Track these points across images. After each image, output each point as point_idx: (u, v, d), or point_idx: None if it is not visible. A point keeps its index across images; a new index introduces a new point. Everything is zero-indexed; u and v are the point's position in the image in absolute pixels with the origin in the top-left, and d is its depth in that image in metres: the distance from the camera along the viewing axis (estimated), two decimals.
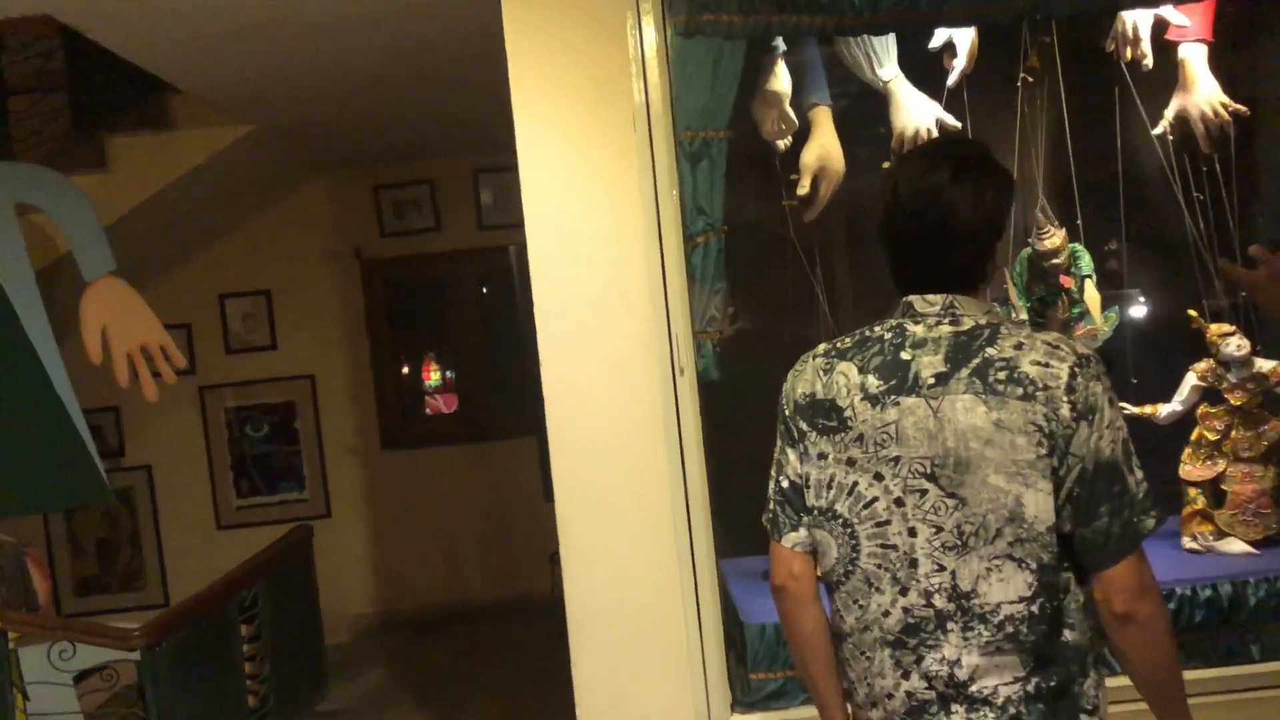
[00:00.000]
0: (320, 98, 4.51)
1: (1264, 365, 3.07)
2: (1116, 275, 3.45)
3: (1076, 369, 1.46)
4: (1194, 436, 3.20)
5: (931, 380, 1.52)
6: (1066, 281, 3.35)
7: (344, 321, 6.37)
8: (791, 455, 1.66)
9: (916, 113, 3.06)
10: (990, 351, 1.50)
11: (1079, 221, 3.31)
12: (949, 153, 1.63)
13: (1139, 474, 1.48)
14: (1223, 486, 3.15)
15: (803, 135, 3.09)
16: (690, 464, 2.67)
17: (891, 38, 3.05)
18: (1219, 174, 3.14)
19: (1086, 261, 3.35)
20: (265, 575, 4.60)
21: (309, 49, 3.79)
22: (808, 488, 1.63)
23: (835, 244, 3.44)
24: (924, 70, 3.13)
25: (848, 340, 1.66)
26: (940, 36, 3.02)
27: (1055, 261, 3.31)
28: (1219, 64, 3.13)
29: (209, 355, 6.23)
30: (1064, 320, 3.42)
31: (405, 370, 6.56)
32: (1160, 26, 3.07)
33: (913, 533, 1.53)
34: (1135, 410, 3.24)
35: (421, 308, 6.53)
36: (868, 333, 1.64)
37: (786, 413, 1.68)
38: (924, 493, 1.52)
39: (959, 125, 3.07)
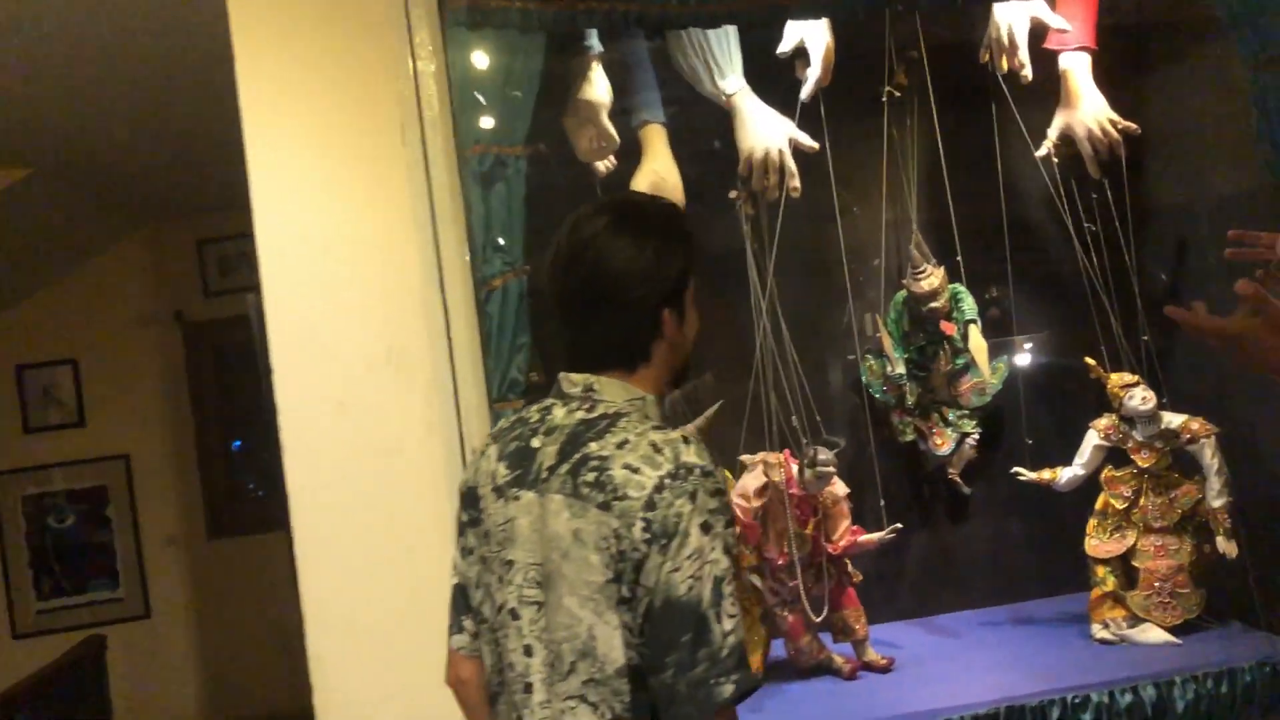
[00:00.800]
0: (94, 137, 3.87)
1: (1173, 420, 2.64)
2: (1003, 321, 3.00)
3: (667, 480, 1.21)
4: (1099, 505, 2.76)
5: (545, 475, 1.32)
6: (948, 328, 2.90)
7: (163, 393, 5.63)
8: (457, 550, 1.45)
9: (765, 131, 2.59)
10: (592, 447, 1.27)
11: (958, 259, 2.87)
12: (617, 202, 1.42)
13: (728, 625, 1.19)
14: (1134, 563, 2.69)
15: (633, 157, 2.59)
16: None
17: (734, 44, 2.58)
18: (1110, 202, 2.74)
19: (969, 305, 2.91)
20: (38, 702, 3.84)
21: (61, 87, 3.18)
22: (472, 587, 1.42)
23: None
24: (774, 83, 2.67)
25: (509, 419, 1.46)
26: (790, 40, 2.57)
27: (934, 305, 2.87)
28: (1108, 82, 2.75)
29: (2, 435, 5.42)
30: (948, 373, 2.97)
31: (235, 446, 5.83)
32: (1039, 34, 2.68)
33: (529, 651, 1.31)
34: (1032, 476, 2.79)
35: (253, 375, 5.81)
36: (524, 413, 1.43)
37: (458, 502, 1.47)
38: (539, 605, 1.30)
39: (815, 146, 2.61)
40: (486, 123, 2.13)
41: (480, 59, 2.12)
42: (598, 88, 2.36)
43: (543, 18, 2.12)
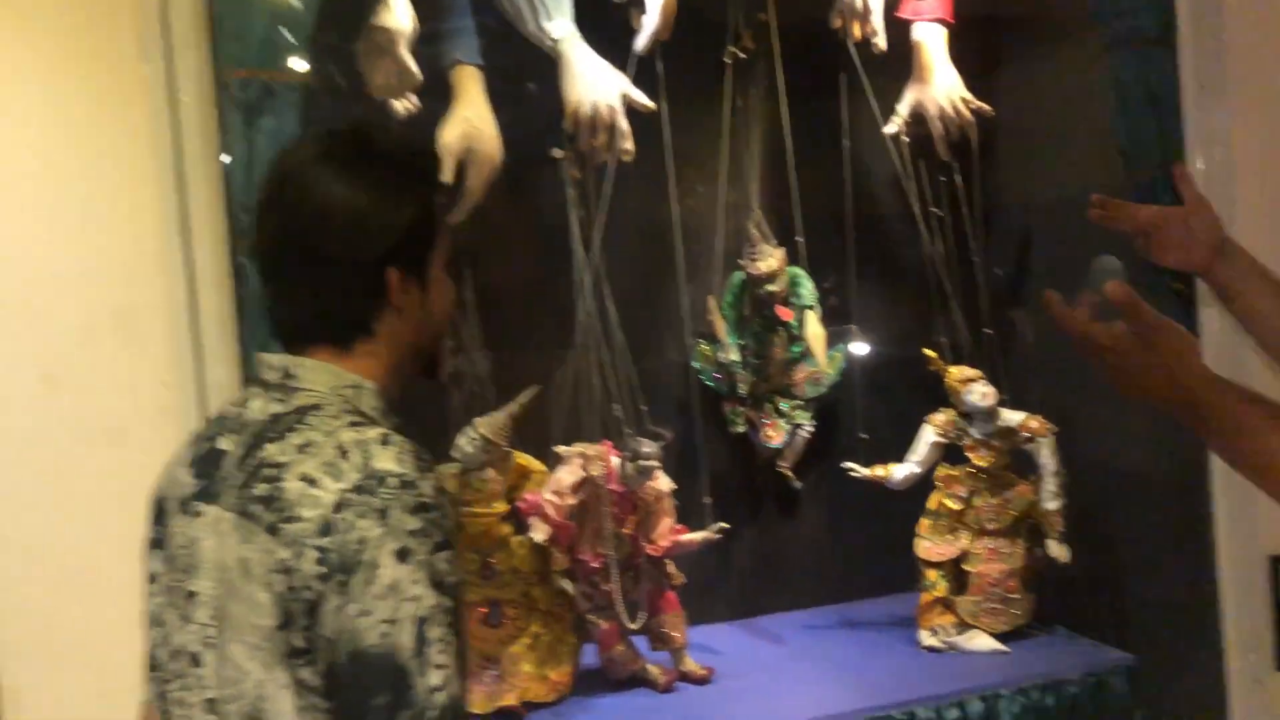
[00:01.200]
0: None
1: (1011, 418, 2.53)
2: (842, 308, 2.82)
3: (350, 495, 0.93)
4: (932, 505, 2.62)
5: (223, 486, 1.03)
6: (785, 313, 2.70)
7: None
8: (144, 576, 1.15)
9: (594, 83, 2.30)
10: (269, 450, 0.99)
11: (799, 239, 2.66)
12: (338, 129, 1.10)
13: (435, 679, 0.90)
14: (965, 567, 2.57)
15: (443, 99, 2.26)
16: None
17: None
18: (959, 187, 2.58)
19: (809, 289, 2.72)
20: None
21: None
22: (152, 624, 1.11)
23: (491, 252, 2.60)
24: (611, 33, 2.38)
25: (218, 413, 1.15)
26: None
27: (771, 288, 2.66)
28: (965, 61, 2.59)
29: None
30: (784, 360, 2.78)
31: None
32: (894, 2, 2.49)
33: (211, 707, 1.00)
34: (865, 472, 2.63)
35: None
36: (228, 405, 1.13)
37: None
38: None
39: (651, 105, 2.34)
40: (253, 43, 1.76)
41: None
42: (397, 13, 2.01)
43: None
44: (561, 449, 2.41)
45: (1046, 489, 2.49)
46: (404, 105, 2.18)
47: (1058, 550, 2.47)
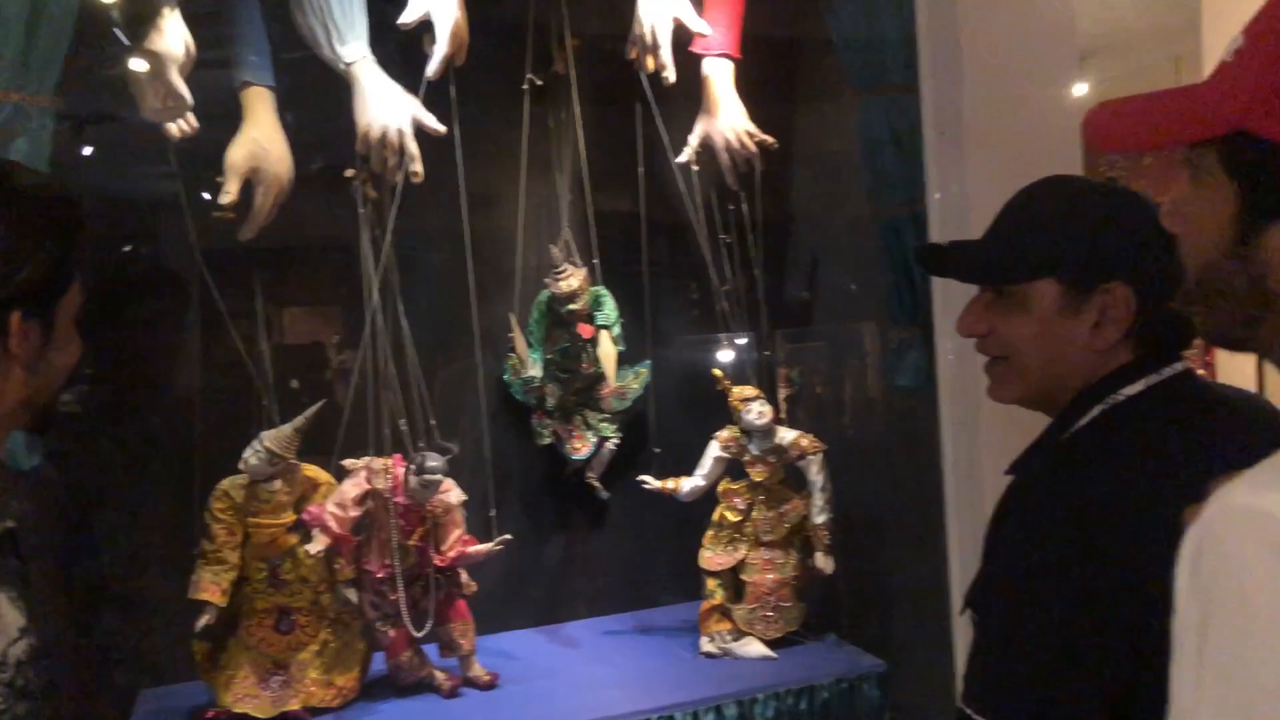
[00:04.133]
0: None
1: (786, 436, 2.67)
2: (640, 328, 2.94)
3: None
4: (715, 517, 2.75)
5: None
6: (586, 330, 2.81)
7: None
8: None
9: (386, 107, 2.37)
10: None
11: (595, 261, 2.78)
12: None
13: None
14: (742, 576, 2.71)
15: (231, 121, 2.32)
16: None
17: (359, 7, 2.35)
18: (746, 215, 2.72)
19: (609, 309, 2.83)
20: None
21: None
22: None
23: (278, 274, 2.66)
24: (415, 58, 2.46)
25: None
26: (415, 10, 2.36)
27: (573, 307, 2.76)
28: (753, 95, 2.72)
29: None
30: (589, 376, 2.89)
31: None
32: (684, 36, 2.61)
33: None
34: (657, 485, 2.75)
35: None
36: None
37: None
38: None
39: (440, 130, 2.42)
40: (6, 64, 1.80)
41: None
42: (169, 38, 2.07)
43: None
44: (348, 462, 2.48)
45: (815, 504, 2.64)
46: (179, 128, 2.23)
47: (824, 562, 2.62)
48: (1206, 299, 0.79)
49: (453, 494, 2.55)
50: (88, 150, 2.07)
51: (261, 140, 2.32)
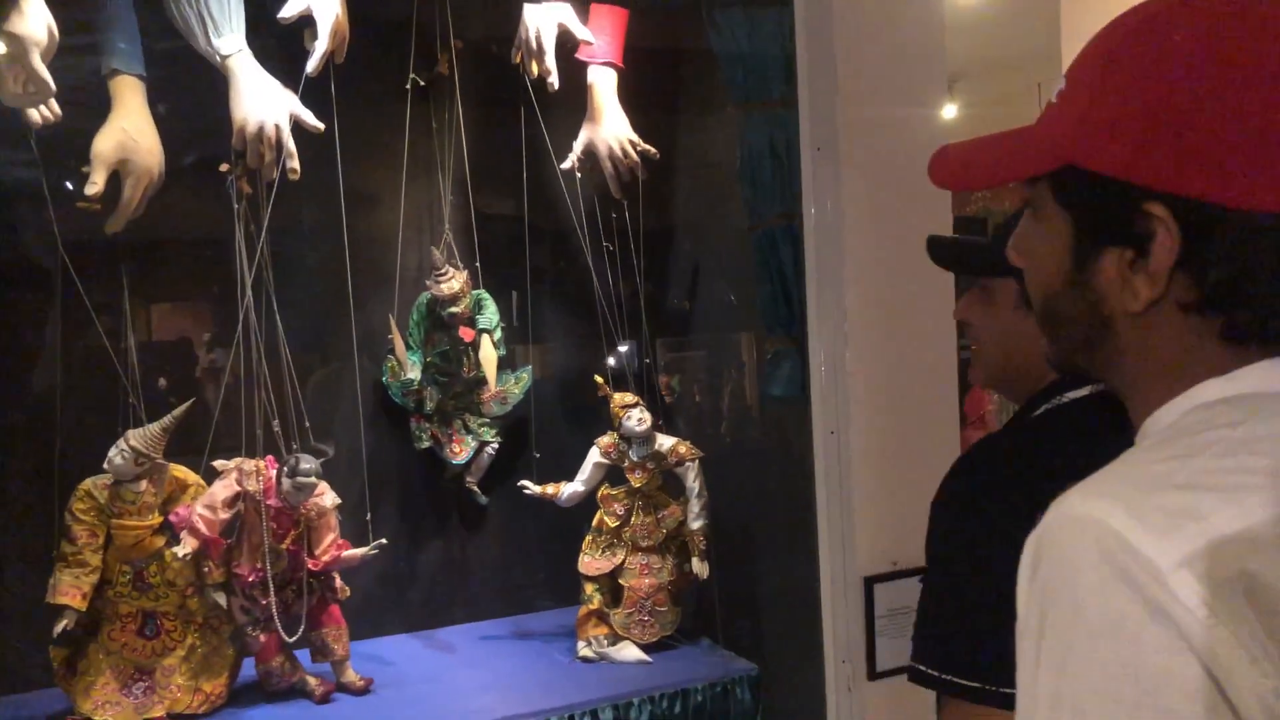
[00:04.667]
0: None
1: (664, 443, 2.70)
2: (521, 333, 2.95)
3: None
4: (595, 522, 2.77)
5: None
6: (467, 334, 2.80)
7: None
8: None
9: (263, 103, 2.32)
10: None
11: (477, 264, 2.77)
12: None
13: None
14: (620, 581, 2.73)
15: (99, 110, 2.23)
16: None
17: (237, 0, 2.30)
18: (628, 223, 2.75)
19: (490, 312, 2.83)
20: None
21: None
22: None
23: (146, 269, 2.58)
24: (296, 54, 2.42)
25: None
26: (295, 5, 2.32)
27: (455, 310, 2.74)
28: (637, 104, 2.75)
29: None
30: (470, 380, 2.87)
31: None
32: (569, 44, 2.63)
33: None
34: (536, 490, 2.75)
35: None
36: None
37: None
38: None
39: (319, 127, 2.38)
40: None
41: None
42: (30, 21, 1.98)
43: None
44: (218, 463, 2.42)
45: (692, 510, 2.68)
46: (41, 115, 2.15)
47: (699, 567, 2.66)
48: (1053, 327, 0.83)
49: (327, 497, 2.51)
50: None
51: (131, 131, 2.24)
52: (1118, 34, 0.75)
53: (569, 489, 2.75)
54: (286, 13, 2.32)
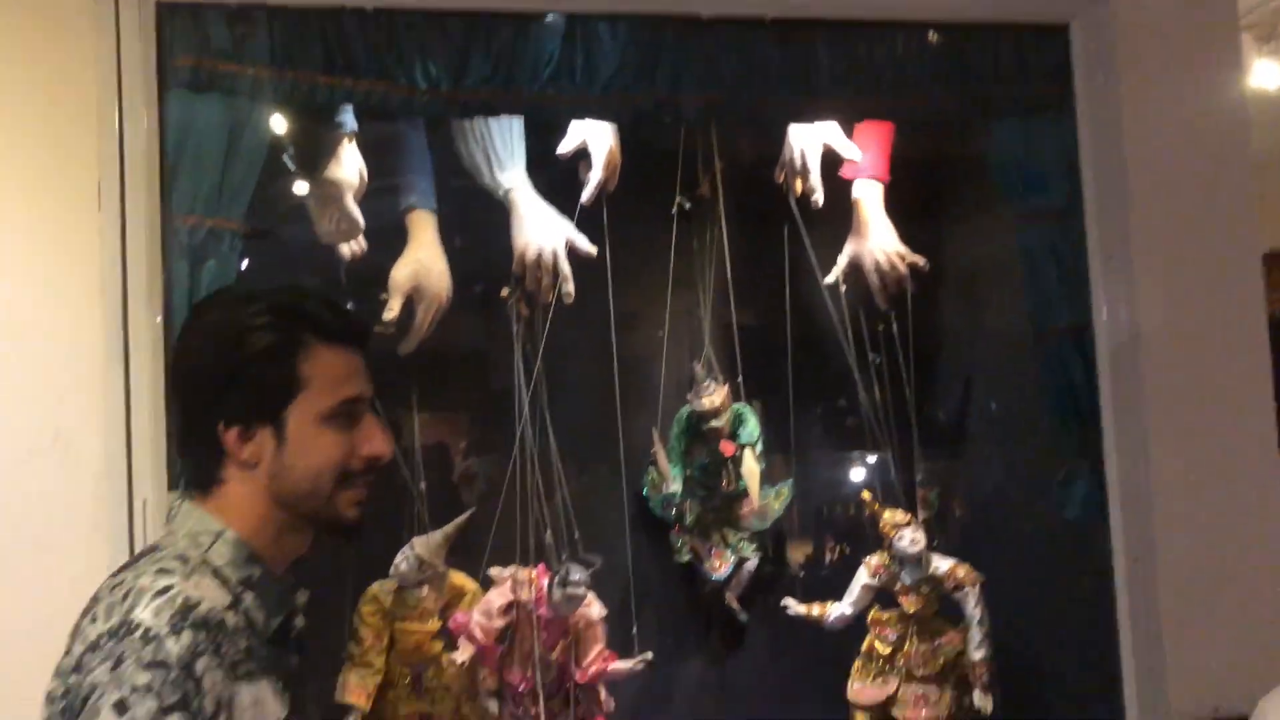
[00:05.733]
0: None
1: (940, 565, 2.55)
2: (784, 447, 2.90)
3: (103, 639, 0.94)
4: (865, 647, 2.64)
5: None
6: (728, 448, 2.78)
7: None
8: None
9: (541, 230, 2.47)
10: (101, 589, 1.03)
11: (739, 379, 2.77)
12: (216, 294, 1.28)
13: None
14: (894, 712, 2.57)
15: (398, 244, 2.44)
16: None
17: (518, 137, 2.48)
18: (895, 334, 2.68)
19: (751, 427, 2.80)
20: None
21: None
22: None
23: (437, 385, 2.75)
24: (567, 184, 2.56)
25: None
26: (572, 140, 2.47)
27: (715, 424, 2.75)
28: (903, 214, 2.71)
29: None
30: (729, 494, 2.85)
31: None
32: (833, 161, 2.64)
33: None
34: (801, 610, 2.66)
35: None
36: None
37: None
38: None
39: (592, 251, 2.50)
40: (204, 193, 1.95)
41: (202, 124, 1.95)
42: (345, 167, 2.21)
43: (277, 88, 1.97)
44: (494, 571, 2.50)
45: (973, 639, 2.49)
46: (350, 250, 2.36)
47: (982, 701, 2.46)
48: None
49: (594, 608, 2.53)
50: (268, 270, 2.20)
51: (424, 260, 2.43)
52: None
53: (836, 611, 2.64)
54: (564, 148, 2.47)
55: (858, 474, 2.78)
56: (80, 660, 0.94)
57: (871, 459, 2.71)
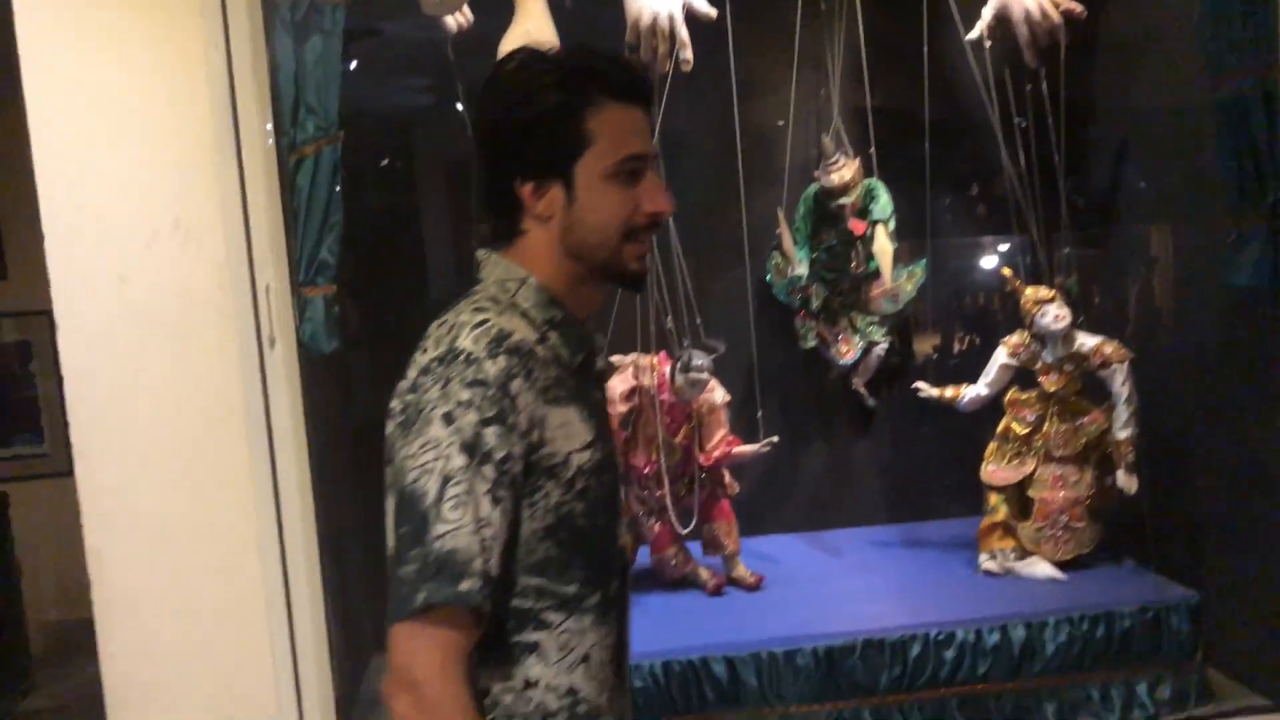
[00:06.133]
0: None
1: (1086, 342, 2.41)
2: (919, 223, 2.72)
3: (433, 364, 1.06)
4: (1000, 429, 2.56)
5: None
6: (858, 227, 2.64)
7: None
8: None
9: None
10: (430, 328, 1.11)
11: (871, 151, 2.59)
12: (519, 49, 1.14)
13: (440, 529, 1.01)
14: (1030, 493, 2.51)
15: (503, 15, 2.29)
16: (286, 478, 1.90)
17: None
18: (1045, 95, 2.43)
19: (884, 203, 2.64)
20: None
21: None
22: None
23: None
24: None
25: None
26: None
27: (844, 201, 2.60)
28: None
29: None
30: (858, 275, 2.73)
31: None
32: None
33: None
34: (935, 392, 2.58)
35: None
36: None
37: None
38: None
39: (712, 14, 2.30)
40: None
41: None
42: None
43: None
44: (615, 358, 2.47)
45: (1119, 417, 2.38)
46: (456, 21, 2.23)
47: (1126, 481, 2.37)
48: None
49: (718, 393, 2.50)
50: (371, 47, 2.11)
51: (533, 31, 2.28)
52: None
53: (971, 392, 2.55)
54: None
55: (997, 252, 2.61)
56: (415, 382, 1.05)
57: (1011, 240, 2.53)
